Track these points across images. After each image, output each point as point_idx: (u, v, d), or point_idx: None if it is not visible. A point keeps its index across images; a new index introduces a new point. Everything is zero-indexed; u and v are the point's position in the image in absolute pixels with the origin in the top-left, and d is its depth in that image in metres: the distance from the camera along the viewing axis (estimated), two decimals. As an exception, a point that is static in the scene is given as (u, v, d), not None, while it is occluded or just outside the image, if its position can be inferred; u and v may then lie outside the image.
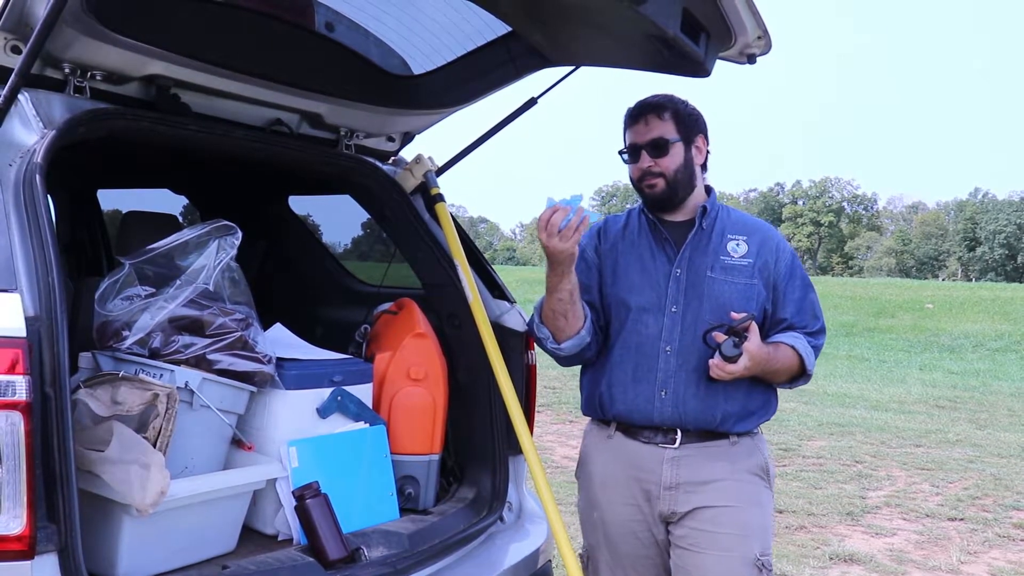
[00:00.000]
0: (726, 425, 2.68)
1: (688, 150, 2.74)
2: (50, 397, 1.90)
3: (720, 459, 2.68)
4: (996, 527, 6.34)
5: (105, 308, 2.55)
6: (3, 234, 1.98)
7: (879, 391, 13.92)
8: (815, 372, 2.81)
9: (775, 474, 2.84)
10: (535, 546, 3.11)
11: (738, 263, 2.72)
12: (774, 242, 2.80)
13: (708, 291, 2.68)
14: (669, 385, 2.66)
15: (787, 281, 2.77)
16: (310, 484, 2.56)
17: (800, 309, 2.77)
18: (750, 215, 2.95)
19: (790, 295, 2.76)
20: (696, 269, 2.71)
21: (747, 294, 2.69)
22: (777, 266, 2.76)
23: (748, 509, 2.68)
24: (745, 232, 2.78)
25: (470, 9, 2.96)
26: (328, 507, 2.56)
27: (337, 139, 3.24)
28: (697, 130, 2.77)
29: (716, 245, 2.73)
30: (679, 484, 2.67)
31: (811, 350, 2.74)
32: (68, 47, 2.35)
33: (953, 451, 9.08)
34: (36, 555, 1.87)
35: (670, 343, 2.67)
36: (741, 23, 2.66)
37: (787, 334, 2.74)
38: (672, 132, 2.71)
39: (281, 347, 2.86)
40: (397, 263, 3.67)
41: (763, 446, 2.79)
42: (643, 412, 2.69)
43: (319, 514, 2.53)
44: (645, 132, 2.72)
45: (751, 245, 2.75)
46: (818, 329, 2.81)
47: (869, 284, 46.89)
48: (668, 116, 2.72)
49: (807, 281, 2.82)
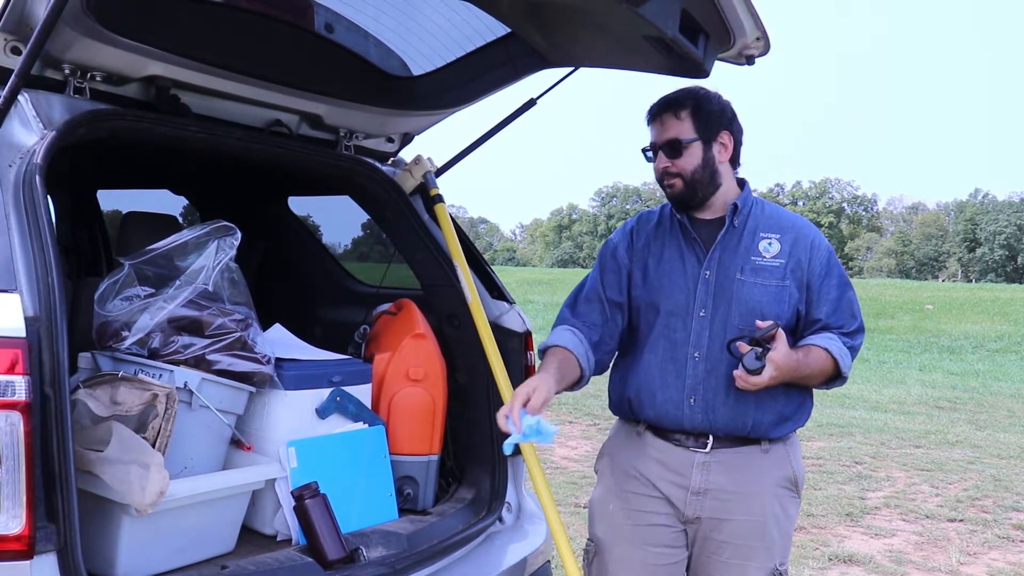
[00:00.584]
0: (758, 431, 2.61)
1: (708, 149, 2.65)
2: (49, 397, 1.90)
3: (751, 468, 2.62)
4: (995, 528, 6.34)
5: (105, 308, 2.55)
6: (3, 235, 1.98)
7: (879, 392, 13.91)
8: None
9: (804, 478, 2.77)
10: (534, 546, 3.11)
11: (769, 264, 2.63)
12: (808, 239, 2.69)
13: (737, 294, 2.60)
14: (698, 392, 2.59)
15: (823, 280, 2.66)
16: (309, 484, 2.56)
17: (836, 308, 2.66)
18: (786, 210, 2.86)
19: (825, 294, 2.66)
20: (726, 271, 2.63)
21: (778, 297, 2.61)
22: (812, 264, 2.66)
23: (774, 523, 2.63)
24: (779, 230, 2.69)
25: (469, 10, 2.96)
26: (327, 507, 2.56)
27: (336, 140, 3.25)
28: (720, 126, 2.67)
29: (748, 245, 2.66)
30: (708, 490, 2.61)
31: (846, 351, 2.64)
32: (68, 48, 2.36)
33: (953, 452, 9.07)
34: (35, 555, 1.87)
35: (698, 349, 2.60)
36: (740, 24, 2.66)
37: (821, 335, 2.65)
38: (688, 132, 2.63)
39: (280, 347, 2.87)
40: (396, 264, 3.67)
41: (795, 453, 2.74)
42: (673, 418, 2.62)
43: (318, 514, 2.53)
44: (662, 132, 2.67)
45: (784, 244, 2.66)
46: (856, 328, 2.70)
47: (869, 285, 46.85)
48: (686, 115, 2.64)
49: (844, 279, 2.72)
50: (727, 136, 2.69)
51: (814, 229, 2.76)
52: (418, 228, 3.27)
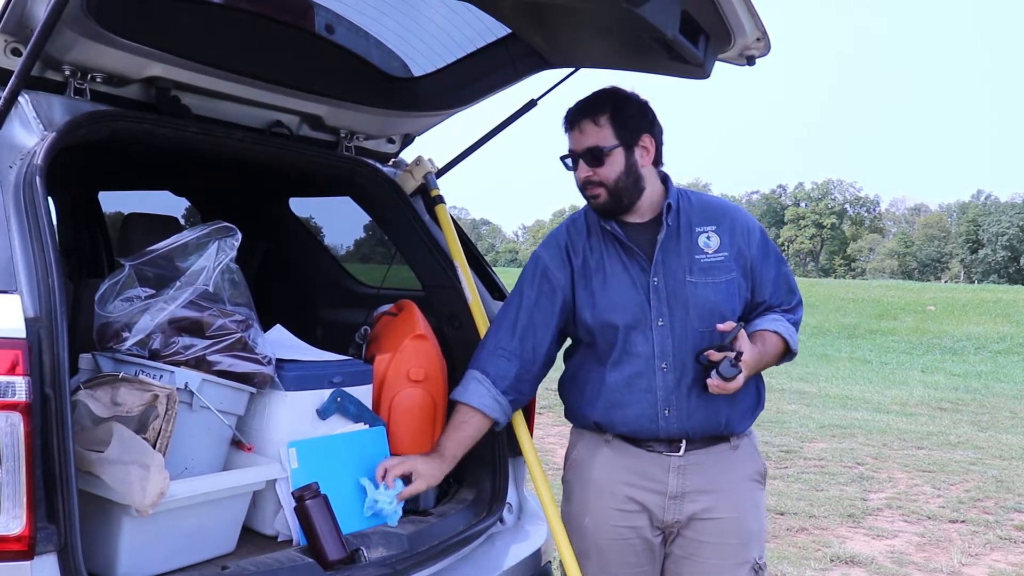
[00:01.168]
0: (730, 427, 2.63)
1: (630, 154, 2.57)
2: (50, 398, 1.90)
3: (723, 465, 2.63)
4: (997, 529, 6.34)
5: (105, 309, 2.55)
6: (3, 236, 1.98)
7: (881, 393, 13.90)
8: (817, 374, 2.81)
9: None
10: (535, 547, 3.11)
11: (714, 260, 2.61)
12: (743, 224, 2.68)
13: (692, 298, 2.57)
14: (672, 402, 2.56)
15: (762, 261, 2.67)
16: (309, 485, 2.56)
17: (776, 288, 2.70)
18: (711, 195, 2.83)
19: (767, 275, 2.68)
20: (673, 274, 2.59)
21: (729, 291, 2.60)
22: (751, 249, 2.65)
23: (750, 518, 2.65)
24: (712, 221, 2.65)
25: (470, 11, 2.96)
26: (327, 508, 2.56)
27: (337, 141, 3.25)
28: (641, 129, 2.59)
29: (688, 243, 2.62)
30: (685, 493, 2.61)
31: (792, 328, 2.69)
32: (68, 49, 2.36)
33: (955, 453, 9.07)
34: (36, 555, 1.87)
35: (664, 359, 2.56)
36: (740, 25, 2.66)
37: (767, 318, 2.68)
38: (609, 139, 2.55)
39: (281, 348, 2.87)
40: (397, 265, 3.67)
41: (757, 443, 2.77)
42: (647, 431, 2.60)
43: (318, 515, 2.53)
44: (581, 140, 2.58)
45: (722, 235, 2.63)
46: (796, 303, 2.75)
47: (871, 286, 46.86)
48: (605, 120, 2.56)
49: (779, 255, 2.74)
50: (648, 139, 2.61)
51: (743, 212, 2.76)
52: (419, 229, 3.27)
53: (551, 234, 2.81)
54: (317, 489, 2.57)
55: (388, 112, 3.25)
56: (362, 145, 3.35)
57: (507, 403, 2.71)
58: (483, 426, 2.71)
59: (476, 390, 2.69)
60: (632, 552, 2.66)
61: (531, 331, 2.70)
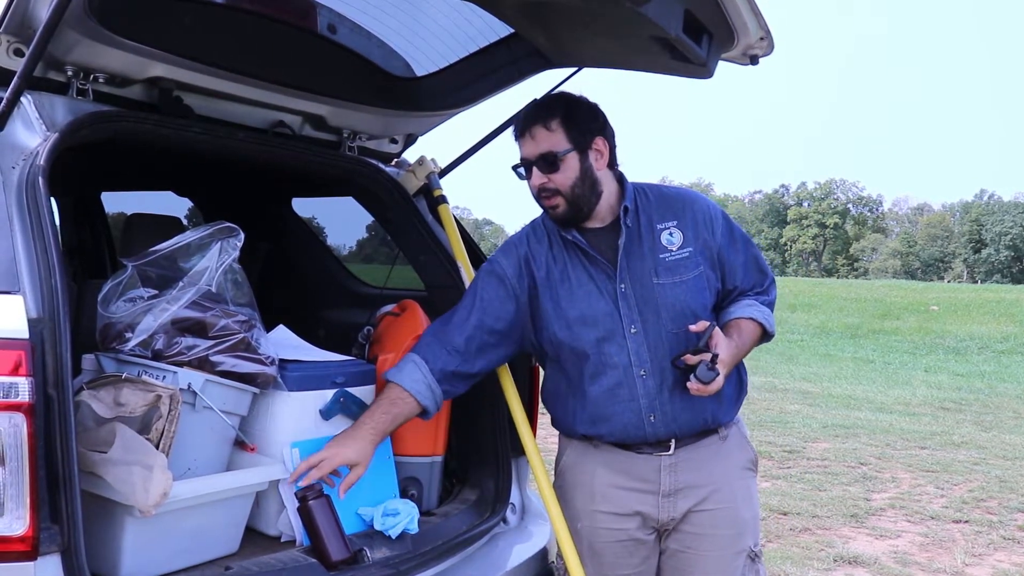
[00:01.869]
0: (716, 420, 2.62)
1: (584, 158, 2.52)
2: (53, 399, 1.90)
3: (714, 458, 2.63)
4: (1001, 529, 6.33)
5: (108, 310, 2.55)
6: (6, 236, 1.98)
7: (884, 393, 13.89)
8: (820, 374, 2.78)
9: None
10: (538, 547, 3.11)
11: (679, 257, 2.56)
12: (704, 213, 2.62)
13: (662, 300, 2.53)
14: (656, 408, 2.54)
15: (728, 247, 2.63)
16: (312, 485, 2.56)
17: (747, 271, 2.66)
18: (668, 187, 2.76)
19: (735, 260, 2.64)
20: (640, 278, 2.54)
21: (698, 287, 2.57)
22: (715, 237, 2.61)
23: (743, 507, 2.66)
24: (673, 215, 2.60)
25: (473, 11, 2.96)
26: (331, 508, 2.55)
27: (340, 141, 3.25)
28: (593, 132, 2.55)
29: (651, 243, 2.57)
30: (679, 490, 2.60)
31: (767, 311, 2.66)
32: (71, 50, 2.36)
33: (958, 453, 9.06)
34: (39, 556, 1.87)
35: (642, 366, 2.53)
36: (743, 24, 2.66)
37: (741, 304, 2.65)
38: (562, 143, 2.50)
39: (284, 348, 2.86)
40: (400, 265, 3.67)
41: (746, 431, 2.76)
42: (635, 437, 2.58)
43: (321, 515, 2.52)
44: (533, 147, 2.53)
45: (684, 230, 2.58)
46: (768, 283, 2.71)
47: (874, 286, 46.82)
48: (556, 125, 2.51)
49: (746, 237, 2.69)
50: (601, 142, 2.57)
51: (703, 199, 2.70)
52: (421, 229, 3.27)
53: (509, 241, 2.76)
54: (320, 489, 2.56)
55: (391, 112, 3.25)
56: (365, 145, 3.35)
57: (440, 393, 2.64)
58: (413, 410, 2.63)
59: (411, 373, 2.63)
60: (627, 553, 2.66)
61: (480, 333, 2.64)
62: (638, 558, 2.67)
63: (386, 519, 2.72)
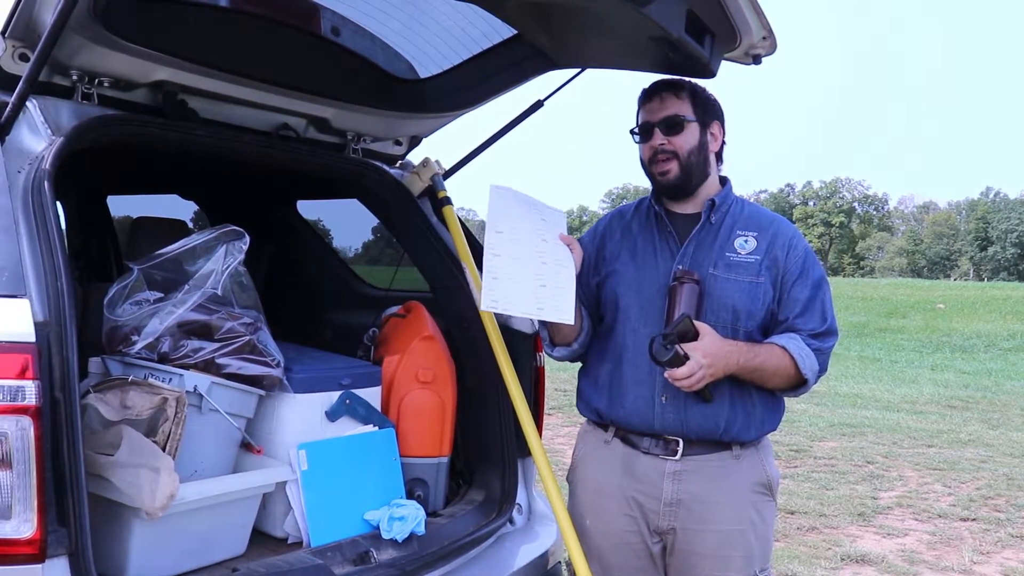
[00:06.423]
0: (730, 433, 2.53)
1: (704, 133, 2.63)
2: (59, 402, 1.91)
3: (723, 477, 2.55)
4: (1008, 527, 6.31)
5: (114, 313, 2.56)
6: (12, 240, 1.99)
7: (891, 391, 13.86)
8: (826, 373, 2.68)
9: (780, 479, 2.69)
10: (544, 548, 3.11)
11: (744, 260, 2.56)
12: (786, 238, 2.61)
13: (710, 290, 2.52)
14: (670, 389, 2.49)
15: (795, 279, 2.57)
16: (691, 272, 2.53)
17: (806, 310, 2.57)
18: (768, 210, 2.77)
19: (796, 294, 2.57)
20: (699, 266, 2.55)
21: (752, 293, 2.54)
22: (787, 263, 2.57)
23: (751, 530, 2.57)
24: (757, 228, 2.62)
25: (476, 13, 2.96)
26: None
27: (344, 143, 3.26)
28: (713, 116, 2.67)
29: (723, 241, 2.59)
30: (680, 500, 2.55)
31: (809, 352, 2.53)
32: (75, 54, 2.37)
33: (965, 451, 9.03)
34: (47, 558, 1.88)
35: None
36: (746, 24, 2.65)
37: (785, 335, 2.55)
38: (688, 111, 2.62)
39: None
40: (405, 266, 3.68)
41: (768, 457, 2.65)
42: (643, 417, 2.56)
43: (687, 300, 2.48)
44: (659, 109, 2.63)
45: (761, 241, 2.59)
46: (825, 331, 2.58)
47: (880, 284, 46.76)
48: (685, 95, 2.63)
49: (819, 281, 2.61)
50: (718, 128, 2.69)
51: (793, 229, 2.69)
52: (426, 231, 3.28)
53: (596, 223, 2.91)
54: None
55: (395, 114, 3.26)
56: (369, 147, 3.35)
57: (587, 322, 2.73)
58: (576, 331, 2.71)
59: None
60: (633, 555, 2.64)
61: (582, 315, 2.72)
62: (644, 562, 2.64)
63: (392, 524, 2.71)
